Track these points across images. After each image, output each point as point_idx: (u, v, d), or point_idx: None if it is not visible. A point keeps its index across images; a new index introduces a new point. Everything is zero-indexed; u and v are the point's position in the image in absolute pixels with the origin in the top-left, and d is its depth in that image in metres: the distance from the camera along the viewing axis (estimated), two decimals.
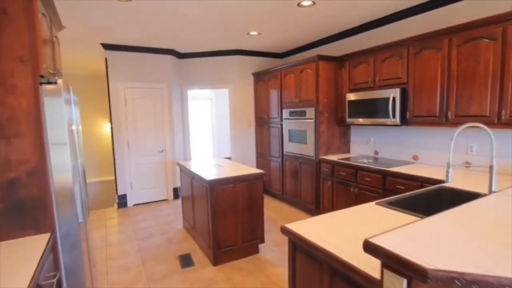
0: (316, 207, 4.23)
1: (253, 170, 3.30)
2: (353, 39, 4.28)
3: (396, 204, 1.94)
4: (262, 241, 3.28)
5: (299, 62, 4.32)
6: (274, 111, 5.05)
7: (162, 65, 5.19)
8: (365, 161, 3.61)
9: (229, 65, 5.50)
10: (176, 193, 5.48)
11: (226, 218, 3.04)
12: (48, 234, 1.64)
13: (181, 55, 5.50)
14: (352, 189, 3.57)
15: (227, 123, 9.33)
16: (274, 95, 5.02)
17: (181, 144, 5.63)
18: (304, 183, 4.41)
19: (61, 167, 1.69)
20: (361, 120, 3.71)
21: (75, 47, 4.74)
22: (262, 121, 5.46)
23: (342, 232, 1.43)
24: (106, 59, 4.80)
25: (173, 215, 4.61)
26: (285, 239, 3.62)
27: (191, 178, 3.52)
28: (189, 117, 5.75)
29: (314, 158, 4.18)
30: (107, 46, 4.70)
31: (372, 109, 3.53)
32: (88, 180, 6.97)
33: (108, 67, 4.80)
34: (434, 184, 2.63)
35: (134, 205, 5.19)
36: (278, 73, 4.86)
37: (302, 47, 5.24)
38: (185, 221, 4.01)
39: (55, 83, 1.61)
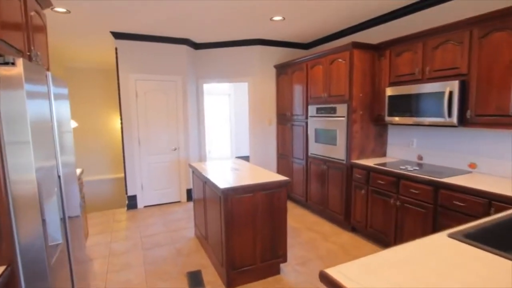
0: (345, 218, 3.68)
1: (275, 176, 2.80)
2: (393, 24, 3.67)
3: (478, 237, 1.39)
4: (284, 260, 2.79)
5: (329, 51, 3.76)
6: (298, 108, 4.52)
7: (176, 56, 4.77)
8: (409, 168, 3.02)
9: (249, 56, 5.01)
10: (189, 194, 5.08)
11: (243, 233, 2.56)
12: (3, 268, 1.22)
13: (197, 46, 5.06)
14: (392, 201, 3.00)
15: (245, 120, 8.88)
16: (298, 89, 4.48)
17: (195, 142, 5.22)
18: (332, 190, 3.87)
19: (23, 171, 1.27)
20: (403, 119, 3.12)
21: (85, 38, 4.41)
22: (284, 119, 4.94)
23: None
24: (116, 49, 4.43)
25: (185, 220, 4.20)
26: (311, 255, 3.11)
27: (204, 183, 3.07)
28: (204, 113, 5.32)
29: (345, 162, 3.62)
30: (117, 35, 4.33)
31: (419, 106, 2.94)
32: (100, 177, 6.73)
33: (118, 57, 4.44)
34: (508, 204, 2.04)
35: (145, 206, 4.83)
36: (304, 65, 4.32)
37: (331, 36, 4.66)
38: (196, 229, 3.58)
39: (13, 63, 1.18)
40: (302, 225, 3.94)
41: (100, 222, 4.21)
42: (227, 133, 8.84)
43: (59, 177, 1.73)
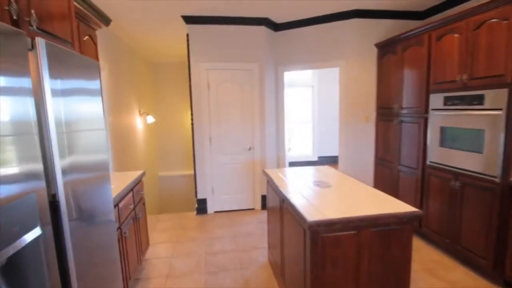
0: (494, 267, 2.39)
1: (393, 203, 1.79)
2: None
3: None
4: None
5: (474, 10, 2.47)
6: (411, 98, 3.29)
7: (253, 39, 4.06)
8: None
9: (341, 34, 3.96)
10: (264, 201, 4.36)
11: (338, 286, 1.65)
12: None
13: (276, 26, 4.26)
14: None
15: (331, 115, 7.75)
16: (413, 73, 3.25)
17: (273, 141, 4.46)
18: (469, 219, 2.59)
19: None
20: None
21: (158, 27, 4.05)
22: (388, 113, 3.75)
23: None
24: (187, 36, 3.96)
25: (257, 237, 3.47)
26: None
27: (281, 200, 2.25)
28: (284, 106, 4.50)
29: (497, 179, 2.33)
30: (188, 19, 3.83)
31: None
32: (176, 173, 6.60)
33: (189, 45, 3.95)
34: None
35: (215, 212, 4.30)
36: (424, 37, 3.07)
37: None
38: (270, 254, 2.80)
39: None
40: (418, 264, 2.77)
41: (166, 228, 3.81)
42: (309, 131, 7.88)
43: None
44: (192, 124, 4.12)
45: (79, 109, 1.40)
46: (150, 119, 5.46)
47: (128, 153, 4.56)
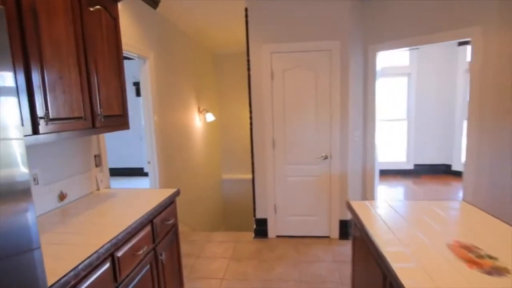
0: None
1: None
2: None
3: None
4: None
5: None
6: None
7: (332, 10, 2.95)
8: None
9: None
10: (344, 229, 3.24)
11: None
12: None
13: None
14: None
15: (433, 112, 6.01)
16: None
17: (358, 148, 3.28)
18: None
19: None
20: None
21: (211, 1, 3.28)
22: None
23: None
24: (246, 10, 3.08)
25: (334, 286, 2.41)
26: None
27: (382, 277, 1.17)
28: (375, 101, 3.28)
29: None
30: None
31: None
32: (238, 176, 5.87)
33: (248, 22, 3.07)
34: None
35: (277, 237, 3.37)
36: None
37: None
38: None
39: None
40: None
41: (215, 254, 3.05)
42: (403, 131, 6.29)
43: None
44: (250, 123, 3.26)
45: None
46: (210, 117, 4.82)
47: (182, 158, 3.97)
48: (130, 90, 4.57)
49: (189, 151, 4.25)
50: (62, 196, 1.88)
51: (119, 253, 1.41)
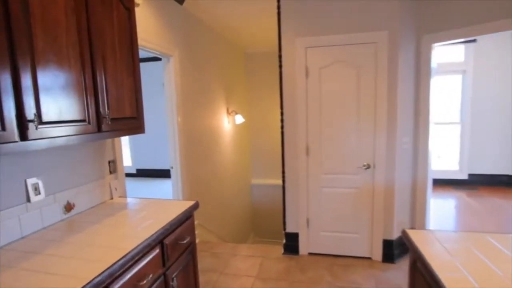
0: None
1: None
2: None
3: None
4: None
5: None
6: None
7: None
8: None
9: None
10: (389, 250, 2.78)
11: None
12: None
13: None
14: None
15: (494, 114, 5.23)
16: None
17: (408, 156, 2.82)
18: None
19: None
20: None
21: None
22: None
23: None
24: (278, 0, 2.75)
25: None
26: None
27: None
28: (430, 102, 2.79)
29: None
30: None
31: None
32: (268, 182, 5.54)
33: (280, 13, 2.74)
34: None
35: (310, 254, 3.00)
36: None
37: None
38: None
39: None
40: None
41: (239, 271, 2.75)
42: (455, 135, 5.58)
43: None
44: (281, 127, 2.93)
45: None
46: (239, 119, 4.56)
47: (209, 162, 3.75)
48: (160, 92, 4.44)
49: (216, 154, 4.01)
50: (68, 207, 1.69)
51: (115, 286, 1.16)
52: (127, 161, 6.58)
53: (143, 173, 6.29)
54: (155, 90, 5.16)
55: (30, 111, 1.13)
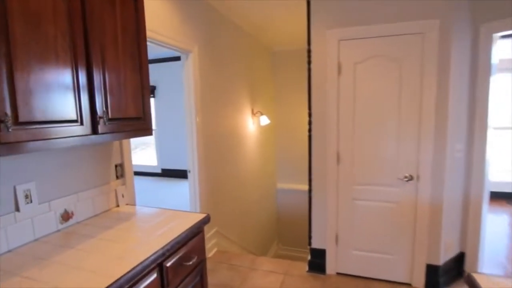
0: None
1: None
2: None
3: None
4: None
5: None
6: None
7: None
8: None
9: None
10: (433, 278, 2.37)
11: None
12: None
13: None
14: None
15: None
16: None
17: (459, 166, 2.38)
18: None
19: None
20: None
21: None
22: None
23: None
24: None
25: None
26: None
27: None
28: (488, 104, 2.34)
29: None
30: None
31: None
32: (295, 187, 5.21)
33: (310, 2, 2.44)
34: None
35: (338, 274, 2.65)
36: None
37: None
38: None
39: None
40: None
41: None
42: (507, 142, 4.91)
43: None
44: (309, 130, 2.61)
45: None
46: (265, 120, 4.29)
47: (231, 165, 3.52)
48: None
49: (239, 157, 3.78)
50: (66, 216, 1.52)
51: None
52: (153, 160, 6.57)
53: (168, 173, 6.24)
54: (182, 88, 5.04)
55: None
